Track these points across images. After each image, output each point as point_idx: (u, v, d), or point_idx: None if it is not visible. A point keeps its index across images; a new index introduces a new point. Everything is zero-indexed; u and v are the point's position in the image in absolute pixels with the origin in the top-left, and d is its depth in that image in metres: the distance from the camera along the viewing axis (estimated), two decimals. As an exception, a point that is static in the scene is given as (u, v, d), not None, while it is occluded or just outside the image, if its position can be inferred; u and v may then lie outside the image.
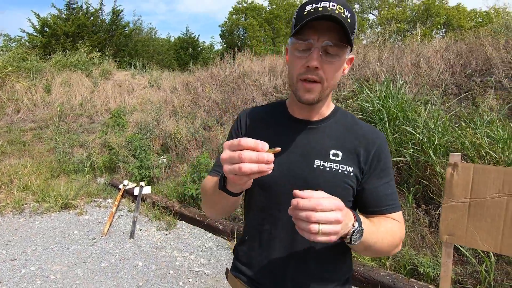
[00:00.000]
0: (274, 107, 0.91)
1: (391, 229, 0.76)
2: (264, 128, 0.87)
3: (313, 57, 0.70)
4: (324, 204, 0.54)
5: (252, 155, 0.53)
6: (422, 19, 14.02)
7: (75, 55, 8.58)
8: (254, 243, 0.87)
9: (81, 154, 5.28)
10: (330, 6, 0.68)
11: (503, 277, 2.13)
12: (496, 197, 1.01)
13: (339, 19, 0.66)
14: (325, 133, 0.81)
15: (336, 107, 0.87)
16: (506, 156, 2.53)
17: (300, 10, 0.73)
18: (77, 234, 3.36)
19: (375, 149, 0.79)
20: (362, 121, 0.87)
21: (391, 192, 0.81)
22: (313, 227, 0.53)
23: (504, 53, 4.04)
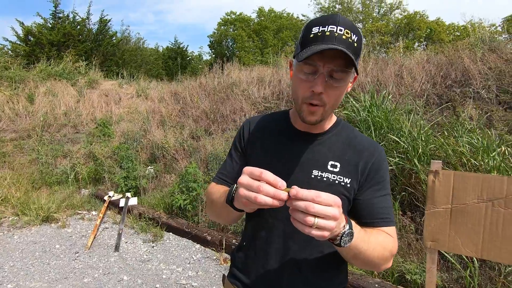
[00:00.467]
0: (278, 117, 0.93)
1: (383, 241, 0.75)
2: (266, 137, 0.89)
3: (317, 83, 0.71)
4: (323, 197, 0.55)
5: (270, 190, 0.56)
6: (404, 32, 14.58)
7: (60, 64, 8.44)
8: (250, 250, 0.88)
9: (65, 165, 5.13)
10: (338, 31, 0.68)
11: (487, 282, 2.18)
12: (476, 203, 1.04)
13: (345, 51, 0.66)
14: (325, 145, 0.83)
15: (338, 120, 0.89)
16: (486, 163, 2.62)
17: (306, 31, 0.73)
18: (58, 249, 3.23)
19: (373, 162, 0.81)
20: (362, 133, 0.89)
21: (386, 205, 0.80)
22: (309, 219, 0.54)
23: (481, 65, 4.24)
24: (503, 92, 3.77)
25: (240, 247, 0.93)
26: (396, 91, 4.40)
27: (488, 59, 4.32)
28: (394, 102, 4.06)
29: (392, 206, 0.83)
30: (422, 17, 15.99)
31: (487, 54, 4.42)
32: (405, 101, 4.10)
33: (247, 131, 0.93)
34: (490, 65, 4.21)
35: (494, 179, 1.03)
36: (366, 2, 19.26)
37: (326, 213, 0.54)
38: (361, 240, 0.68)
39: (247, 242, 0.90)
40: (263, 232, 0.84)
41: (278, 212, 0.80)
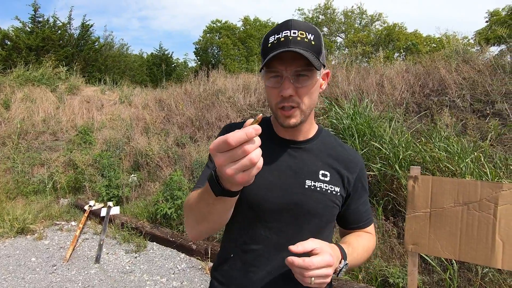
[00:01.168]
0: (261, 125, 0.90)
1: (367, 246, 0.86)
2: None
3: (285, 87, 0.72)
4: (316, 264, 0.62)
5: (252, 145, 0.50)
6: (384, 43, 15.16)
7: (39, 69, 8.17)
8: (236, 263, 0.83)
9: (42, 173, 4.92)
10: (292, 34, 0.71)
11: (465, 284, 2.25)
12: (453, 206, 1.09)
13: (298, 51, 0.68)
14: (312, 153, 0.84)
15: (319, 128, 0.90)
16: (461, 168, 2.74)
17: (265, 42, 0.75)
18: (34, 262, 3.07)
19: (358, 173, 0.86)
20: (344, 143, 0.92)
21: (367, 208, 0.90)
22: (306, 280, 0.63)
23: (456, 75, 4.46)
24: (477, 101, 3.97)
25: (225, 259, 0.87)
26: (378, 99, 4.55)
27: (462, 69, 4.56)
28: (376, 110, 4.19)
29: (370, 206, 0.93)
30: (400, 28, 16.70)
31: (461, 65, 4.67)
32: (386, 109, 4.24)
33: None
34: (464, 75, 4.44)
35: (469, 184, 1.08)
36: (348, 13, 19.92)
37: (320, 275, 0.63)
38: (353, 261, 0.77)
39: (235, 255, 0.84)
40: (255, 245, 0.81)
41: (271, 224, 0.79)
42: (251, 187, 0.79)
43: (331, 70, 5.88)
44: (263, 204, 0.79)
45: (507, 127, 3.42)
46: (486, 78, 4.21)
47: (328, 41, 19.07)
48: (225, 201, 0.62)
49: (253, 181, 0.73)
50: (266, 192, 0.79)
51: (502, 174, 2.72)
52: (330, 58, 7.94)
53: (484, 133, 3.45)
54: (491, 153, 3.03)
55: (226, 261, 0.86)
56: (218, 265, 0.89)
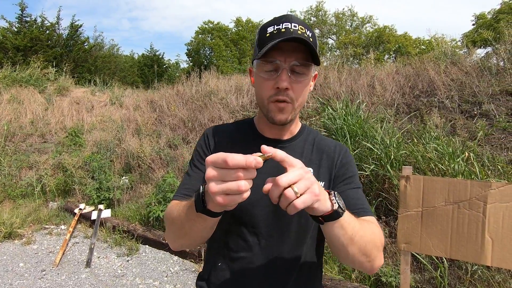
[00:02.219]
0: (242, 125, 0.89)
1: (370, 227, 0.71)
2: (234, 148, 0.78)
3: (282, 78, 0.70)
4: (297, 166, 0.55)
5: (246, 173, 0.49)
6: (375, 44, 15.38)
7: (27, 70, 7.99)
8: (225, 273, 0.80)
9: (31, 176, 4.81)
10: (292, 27, 0.69)
11: (456, 281, 2.29)
12: (443, 205, 1.11)
13: (306, 40, 0.67)
14: (296, 151, 0.82)
15: (303, 125, 0.90)
16: (452, 168, 2.80)
17: (262, 32, 0.73)
18: (23, 267, 3.00)
19: (340, 158, 0.84)
20: (325, 137, 0.91)
21: (360, 197, 0.80)
22: (288, 192, 0.51)
23: (444, 77, 4.56)
24: (464, 102, 4.06)
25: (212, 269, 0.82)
26: (369, 100, 4.61)
27: (450, 71, 4.66)
28: (367, 111, 4.24)
29: (365, 199, 0.82)
30: (391, 31, 16.97)
31: (450, 67, 4.77)
32: (377, 110, 4.30)
33: (212, 140, 0.85)
34: (452, 77, 4.54)
35: (459, 183, 1.10)
36: (339, 15, 20.14)
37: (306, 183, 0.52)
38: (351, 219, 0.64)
39: (222, 263, 0.80)
40: (243, 253, 0.78)
41: (258, 229, 0.77)
42: None
43: (323, 71, 5.92)
44: (250, 209, 0.76)
45: (494, 127, 3.51)
46: (473, 79, 4.31)
47: (320, 43, 19.25)
48: (206, 219, 0.60)
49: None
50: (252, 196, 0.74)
51: (490, 173, 2.79)
52: (322, 60, 8.01)
53: (472, 133, 3.53)
54: (479, 153, 3.10)
55: (214, 271, 0.82)
56: (204, 275, 0.85)
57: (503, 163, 2.91)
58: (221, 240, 0.81)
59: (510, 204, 1.02)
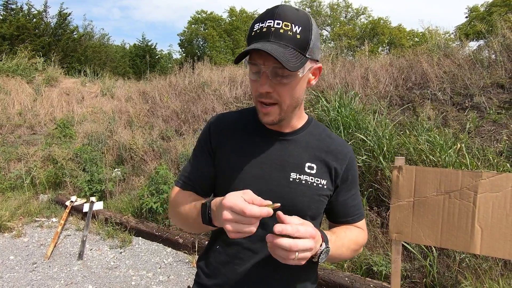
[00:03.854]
0: (246, 114, 0.87)
1: (356, 239, 0.83)
2: (237, 137, 0.83)
3: (261, 83, 0.69)
4: (301, 232, 0.60)
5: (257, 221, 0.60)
6: (369, 36, 15.35)
7: (14, 59, 7.76)
8: (221, 255, 0.82)
9: (20, 168, 4.72)
10: (275, 25, 0.65)
11: (445, 270, 2.35)
12: (435, 195, 1.12)
13: (268, 50, 0.62)
14: (299, 145, 0.81)
15: (309, 119, 0.87)
16: (443, 159, 2.83)
17: (251, 28, 0.71)
18: (13, 260, 2.96)
19: (346, 164, 0.82)
20: (332, 132, 0.89)
21: (357, 202, 0.87)
22: (291, 256, 0.60)
23: (437, 69, 4.58)
24: (456, 94, 4.10)
25: (211, 251, 0.86)
26: (362, 92, 4.61)
27: (443, 63, 4.68)
28: (360, 103, 4.25)
29: (361, 200, 0.89)
30: (385, 22, 16.94)
31: (442, 59, 4.79)
32: (370, 101, 4.31)
33: (214, 131, 0.85)
34: (445, 69, 4.56)
35: (451, 173, 1.11)
36: (334, 6, 19.99)
37: (305, 247, 0.60)
38: (336, 249, 0.74)
39: (220, 247, 0.83)
40: (239, 239, 0.77)
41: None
42: (235, 181, 0.78)
43: (317, 63, 5.89)
44: None
45: (485, 119, 3.56)
46: (465, 72, 4.34)
47: (314, 34, 19.13)
48: (209, 227, 0.72)
49: (237, 175, 0.78)
50: (251, 185, 0.74)
51: (480, 164, 2.83)
52: (316, 51, 7.97)
53: (463, 125, 3.57)
54: (470, 145, 3.15)
55: (212, 252, 0.85)
56: (204, 255, 0.88)
57: (493, 154, 2.96)
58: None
59: (500, 194, 1.04)
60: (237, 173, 0.78)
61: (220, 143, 0.83)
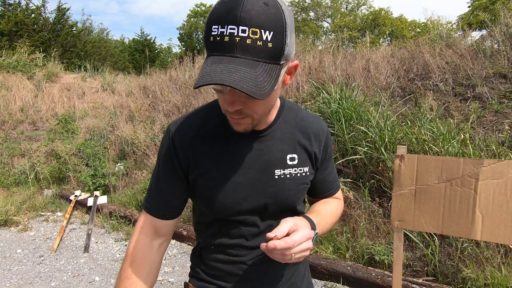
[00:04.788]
0: (210, 116, 0.76)
1: (336, 211, 0.87)
2: (209, 145, 0.73)
3: (229, 101, 0.59)
4: (297, 241, 0.60)
5: None
6: (370, 27, 15.19)
7: (14, 55, 7.74)
8: (218, 255, 0.80)
9: (23, 164, 4.76)
10: (240, 34, 0.52)
11: (446, 258, 2.38)
12: (436, 183, 1.13)
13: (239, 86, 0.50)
14: (275, 138, 0.75)
15: (281, 103, 0.79)
16: (446, 149, 2.84)
17: (208, 29, 0.55)
18: (20, 253, 3.01)
19: (324, 144, 0.81)
20: (306, 110, 0.85)
21: (334, 174, 0.89)
22: (287, 258, 0.61)
23: (439, 59, 4.55)
24: (458, 85, 4.08)
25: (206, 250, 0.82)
26: (364, 84, 4.59)
27: (445, 54, 4.65)
28: (362, 95, 4.24)
29: (336, 171, 0.91)
30: (386, 13, 16.74)
31: (445, 50, 4.75)
32: (372, 93, 4.30)
33: (180, 144, 0.73)
34: (447, 59, 4.53)
35: (452, 161, 1.12)
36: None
37: (302, 250, 0.62)
38: (322, 229, 0.76)
39: (215, 246, 0.79)
40: (235, 239, 0.77)
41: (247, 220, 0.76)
42: (219, 194, 0.72)
43: (318, 55, 5.86)
44: (236, 209, 0.74)
45: (487, 109, 3.55)
46: (467, 62, 4.31)
47: (315, 26, 18.92)
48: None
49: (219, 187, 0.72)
50: (237, 195, 0.72)
51: (483, 155, 2.84)
52: (317, 44, 7.90)
53: (465, 116, 3.57)
54: (472, 135, 3.15)
55: (207, 252, 0.82)
56: (199, 254, 0.85)
57: (495, 144, 2.96)
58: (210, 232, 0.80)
59: (501, 180, 1.05)
60: (220, 185, 0.72)
61: (192, 157, 0.72)
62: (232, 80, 0.51)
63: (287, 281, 0.83)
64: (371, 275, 2.33)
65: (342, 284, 2.39)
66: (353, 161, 3.30)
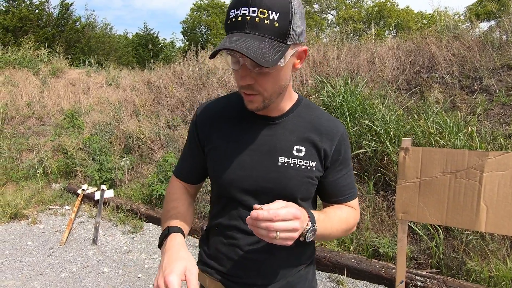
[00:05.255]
0: (234, 100, 0.85)
1: (346, 218, 0.82)
2: (224, 124, 0.82)
3: (242, 75, 0.67)
4: (282, 215, 0.59)
5: None
6: (376, 19, 14.96)
7: (19, 51, 7.80)
8: (220, 237, 0.85)
9: (32, 159, 4.84)
10: (250, 14, 0.60)
11: (450, 251, 2.39)
12: (441, 175, 1.14)
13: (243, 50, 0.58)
14: (286, 128, 0.79)
15: (299, 99, 0.84)
16: (452, 142, 2.82)
17: (227, 14, 0.66)
18: (31, 245, 3.09)
19: (336, 143, 0.80)
20: (324, 111, 0.87)
21: (349, 181, 0.85)
22: (271, 235, 0.59)
23: (446, 51, 4.48)
24: (465, 77, 4.02)
25: (211, 232, 0.89)
26: (369, 77, 4.55)
27: (452, 46, 4.58)
28: (367, 88, 4.21)
29: (354, 179, 0.88)
30: (392, 5, 16.45)
31: (451, 41, 4.68)
32: (377, 86, 4.26)
33: (201, 123, 0.85)
34: (454, 51, 4.46)
35: (457, 153, 1.12)
36: (339, -11, 19.43)
37: (286, 228, 0.59)
38: (325, 229, 0.74)
39: (218, 228, 0.85)
40: (234, 221, 0.81)
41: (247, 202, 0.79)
42: (224, 169, 0.79)
43: (322, 48, 5.80)
44: (237, 186, 0.78)
45: (494, 102, 3.51)
46: (475, 54, 4.24)
47: (319, 19, 18.69)
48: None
49: (226, 163, 0.79)
50: (240, 172, 0.78)
51: (490, 148, 2.82)
52: (321, 37, 7.82)
53: (472, 109, 3.53)
54: (479, 128, 3.12)
55: (212, 234, 0.88)
56: (205, 237, 0.92)
57: (502, 137, 2.93)
58: (215, 210, 0.87)
59: (506, 172, 1.05)
60: (226, 161, 0.79)
61: (208, 133, 0.83)
62: (238, 47, 0.58)
63: (283, 278, 0.83)
64: (375, 267, 2.35)
65: (346, 276, 2.42)
66: (358, 155, 3.29)
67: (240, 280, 0.82)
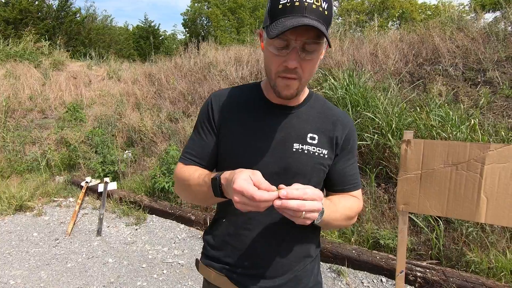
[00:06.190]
0: (250, 89, 0.89)
1: (350, 206, 0.85)
2: (240, 112, 0.85)
3: (291, 58, 0.69)
4: (309, 194, 0.60)
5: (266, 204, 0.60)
6: (379, 10, 14.74)
7: (20, 44, 7.77)
8: (229, 228, 0.85)
9: (35, 151, 4.87)
10: (307, 0, 0.65)
11: (450, 242, 2.41)
12: (442, 167, 1.15)
13: (316, 25, 0.63)
14: (301, 118, 0.83)
15: (310, 92, 0.89)
16: (454, 135, 2.82)
17: (274, 1, 0.68)
18: (36, 236, 3.14)
19: (347, 132, 0.85)
20: (333, 105, 0.91)
21: (355, 172, 0.89)
22: (298, 214, 0.60)
23: (449, 43, 4.43)
24: (469, 70, 3.99)
25: (217, 224, 0.89)
26: (372, 69, 4.52)
27: (456, 37, 4.52)
28: (369, 80, 4.19)
29: (358, 171, 0.91)
30: (395, -5, 16.16)
31: (455, 33, 4.62)
32: (379, 79, 4.24)
33: (216, 107, 0.86)
34: (458, 43, 4.41)
35: (459, 145, 1.13)
36: (342, -21, 19.08)
37: (313, 208, 0.60)
38: (330, 214, 0.75)
39: (226, 219, 0.87)
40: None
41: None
42: (240, 154, 0.81)
43: (325, 40, 5.74)
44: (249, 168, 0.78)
45: (497, 94, 3.48)
46: (479, 46, 4.20)
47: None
48: (218, 198, 0.73)
49: (241, 148, 0.80)
50: (256, 158, 0.80)
51: (491, 140, 2.82)
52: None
53: (475, 101, 3.51)
54: (482, 120, 3.11)
55: (218, 226, 0.89)
56: (210, 229, 0.92)
57: (504, 130, 2.93)
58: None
59: (507, 164, 1.06)
60: (242, 147, 0.81)
61: (224, 117, 0.85)
62: (316, 25, 0.63)
63: (290, 272, 0.84)
64: (375, 258, 2.38)
65: (347, 267, 2.45)
66: (360, 147, 3.30)
67: (247, 271, 0.83)
